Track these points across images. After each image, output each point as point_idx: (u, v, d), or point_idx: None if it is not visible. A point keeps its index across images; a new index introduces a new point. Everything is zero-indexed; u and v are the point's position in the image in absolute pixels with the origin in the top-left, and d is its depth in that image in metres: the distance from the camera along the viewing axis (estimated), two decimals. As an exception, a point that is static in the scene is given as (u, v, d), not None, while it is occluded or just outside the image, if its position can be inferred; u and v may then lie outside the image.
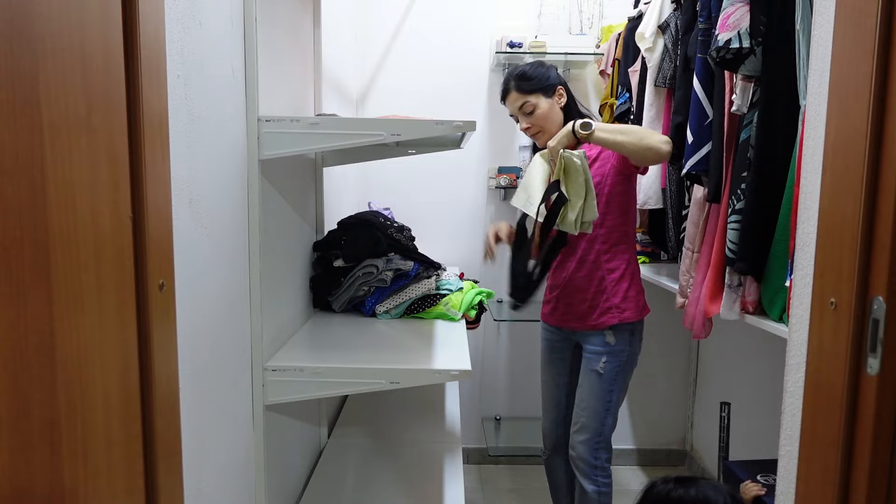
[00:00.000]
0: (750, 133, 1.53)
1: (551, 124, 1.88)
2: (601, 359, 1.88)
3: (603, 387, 1.88)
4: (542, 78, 1.88)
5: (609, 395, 1.88)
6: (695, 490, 1.24)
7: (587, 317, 1.90)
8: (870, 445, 0.75)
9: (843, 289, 0.79)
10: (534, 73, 1.88)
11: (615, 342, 1.88)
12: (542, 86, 1.87)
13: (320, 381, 1.27)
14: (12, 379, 0.53)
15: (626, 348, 1.89)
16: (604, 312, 1.88)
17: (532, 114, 1.87)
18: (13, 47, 0.53)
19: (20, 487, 0.55)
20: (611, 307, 1.87)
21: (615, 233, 1.87)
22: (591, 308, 1.90)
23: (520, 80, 1.88)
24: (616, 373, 1.88)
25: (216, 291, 1.03)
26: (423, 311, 1.71)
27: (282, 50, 1.46)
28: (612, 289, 1.87)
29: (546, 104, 1.87)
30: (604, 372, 1.88)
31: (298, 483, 1.66)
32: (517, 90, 1.89)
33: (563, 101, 1.90)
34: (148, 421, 0.76)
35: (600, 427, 1.89)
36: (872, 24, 0.74)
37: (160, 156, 0.78)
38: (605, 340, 1.88)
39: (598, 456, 1.91)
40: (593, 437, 1.90)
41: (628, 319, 1.87)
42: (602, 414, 1.89)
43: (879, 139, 0.74)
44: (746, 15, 1.46)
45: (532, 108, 1.87)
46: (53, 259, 0.58)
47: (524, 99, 1.88)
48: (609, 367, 1.88)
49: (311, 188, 1.80)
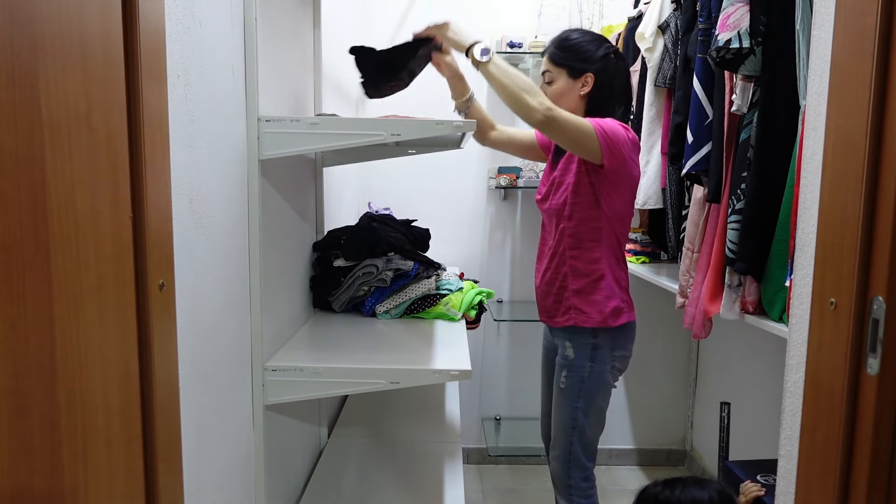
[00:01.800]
0: (750, 133, 1.53)
1: (562, 105, 1.66)
2: (562, 373, 1.76)
3: (565, 403, 1.75)
4: (575, 55, 1.70)
5: (573, 411, 1.73)
6: (680, 490, 1.25)
7: (552, 314, 1.80)
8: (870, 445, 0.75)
9: (843, 289, 0.79)
10: (571, 45, 1.71)
11: (574, 356, 1.73)
12: (569, 63, 1.71)
13: (320, 381, 1.27)
14: (12, 379, 0.53)
15: (588, 364, 1.72)
16: (564, 312, 1.75)
17: (549, 85, 1.74)
18: (14, 46, 0.53)
19: (20, 487, 0.55)
20: (570, 307, 1.73)
21: (584, 227, 1.70)
22: (555, 304, 1.77)
23: (556, 46, 1.73)
24: (578, 389, 1.73)
25: (216, 291, 1.03)
26: (423, 311, 1.71)
27: (282, 50, 1.46)
28: (574, 288, 1.72)
29: (565, 84, 1.71)
30: (564, 387, 1.75)
31: (298, 483, 1.66)
32: (548, 55, 1.74)
33: (585, 90, 1.70)
34: (148, 421, 0.76)
35: (568, 444, 1.76)
36: (872, 24, 0.74)
37: (160, 156, 0.78)
38: (564, 353, 1.76)
39: (570, 474, 1.77)
40: (563, 455, 1.77)
41: (583, 323, 1.70)
42: (568, 431, 1.75)
43: (879, 139, 0.74)
44: (746, 15, 1.46)
45: (551, 79, 1.73)
46: (53, 259, 0.58)
47: (549, 67, 1.74)
48: (569, 383, 1.74)
49: (311, 188, 1.80)
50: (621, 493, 2.69)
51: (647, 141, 2.22)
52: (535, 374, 2.97)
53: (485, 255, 2.92)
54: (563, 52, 1.71)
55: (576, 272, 1.73)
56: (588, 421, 1.74)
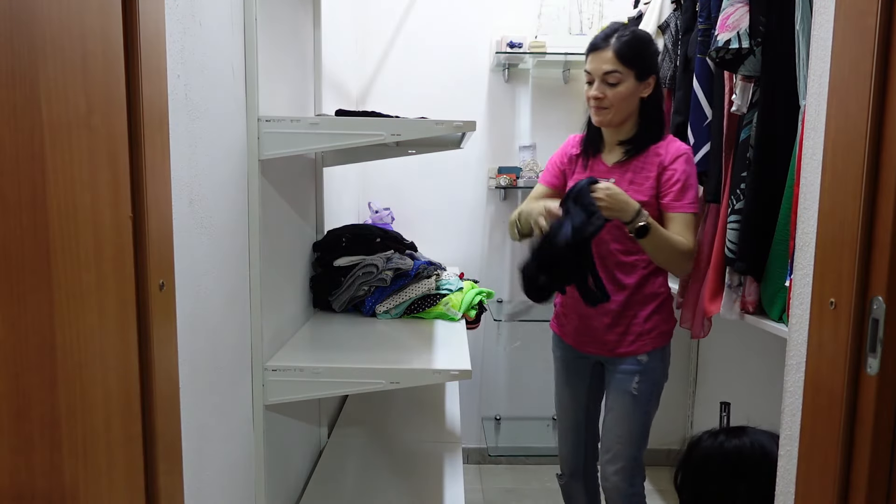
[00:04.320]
0: (750, 133, 1.53)
1: (625, 109, 1.60)
2: (633, 378, 1.66)
3: (638, 409, 1.66)
4: (646, 56, 1.59)
5: (645, 416, 1.67)
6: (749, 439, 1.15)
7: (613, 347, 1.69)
8: (870, 445, 0.75)
9: (843, 289, 0.79)
10: (642, 47, 1.59)
11: (647, 359, 1.66)
12: (639, 64, 1.58)
13: (320, 381, 1.27)
14: (12, 379, 0.53)
15: (660, 365, 1.68)
16: (633, 341, 1.66)
17: (614, 86, 1.57)
18: (14, 46, 0.53)
19: (21, 487, 0.55)
20: (641, 333, 1.67)
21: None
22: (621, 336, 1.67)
23: (626, 44, 1.56)
24: (651, 392, 1.67)
25: (216, 291, 1.03)
26: (423, 310, 1.71)
27: (282, 50, 1.46)
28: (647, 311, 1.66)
29: (632, 86, 1.58)
30: (637, 394, 1.65)
31: (298, 483, 1.66)
32: (616, 52, 1.56)
33: (647, 92, 1.61)
34: (148, 421, 0.76)
35: (637, 453, 1.68)
36: (872, 24, 0.74)
37: (160, 156, 0.78)
38: (636, 358, 1.67)
39: (634, 482, 1.69)
40: (629, 465, 1.67)
41: (660, 345, 1.68)
42: (639, 438, 1.68)
43: (879, 139, 0.74)
44: (746, 15, 1.46)
45: (618, 80, 1.57)
46: (53, 259, 0.58)
47: (617, 66, 1.56)
48: (643, 388, 1.66)
49: (311, 188, 1.80)
50: (621, 493, 2.69)
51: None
52: (536, 374, 2.98)
53: (485, 255, 2.92)
54: (634, 51, 1.57)
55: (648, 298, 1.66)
56: (651, 425, 1.71)
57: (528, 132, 2.86)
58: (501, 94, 2.85)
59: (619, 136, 1.66)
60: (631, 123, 1.64)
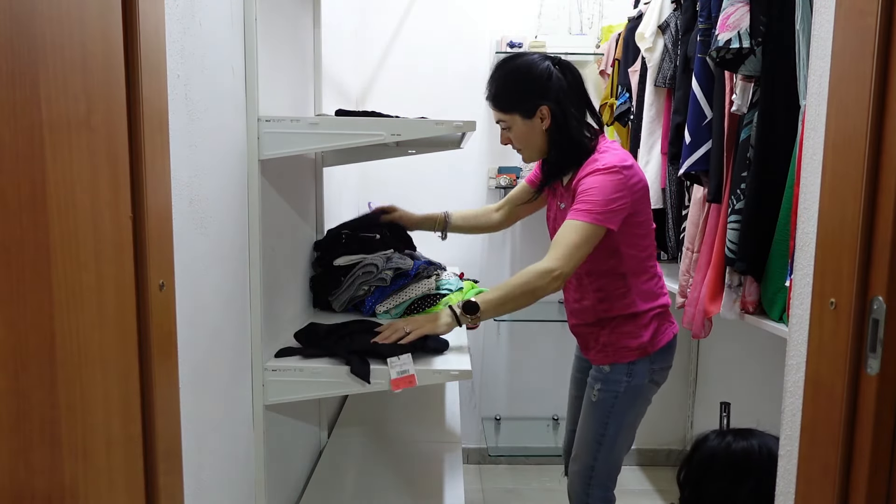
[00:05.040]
0: (750, 133, 1.53)
1: (532, 146, 1.59)
2: (595, 385, 1.66)
3: (595, 416, 1.66)
4: (521, 93, 1.55)
5: (602, 427, 1.64)
6: (757, 441, 1.12)
7: (587, 349, 1.73)
8: (870, 445, 0.75)
9: (843, 289, 0.79)
10: (512, 85, 1.55)
11: (610, 370, 1.64)
12: (518, 105, 1.55)
13: (320, 381, 1.27)
14: (12, 379, 0.53)
15: (624, 378, 1.63)
16: (601, 349, 1.68)
17: (509, 130, 1.60)
18: (14, 46, 0.53)
19: (20, 487, 0.55)
20: (606, 345, 1.67)
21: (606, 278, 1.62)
22: (592, 343, 1.70)
23: (495, 92, 1.57)
24: (611, 404, 1.64)
25: (216, 291, 1.03)
26: (424, 310, 1.71)
27: (282, 50, 1.46)
28: (606, 332, 1.65)
29: (524, 127, 1.56)
30: (596, 400, 1.66)
31: (298, 483, 1.66)
32: (492, 101, 1.59)
33: (546, 124, 1.55)
34: (148, 421, 0.76)
35: (591, 461, 1.67)
36: (872, 24, 0.74)
37: (160, 156, 0.78)
38: (600, 367, 1.67)
39: (589, 493, 1.68)
40: (584, 471, 1.68)
41: (622, 360, 1.63)
42: (593, 447, 1.66)
43: (879, 139, 0.74)
44: (746, 15, 1.46)
45: (506, 126, 1.59)
46: (53, 259, 0.58)
47: (498, 115, 1.59)
48: (602, 397, 1.64)
49: (311, 188, 1.80)
50: (621, 493, 2.68)
51: (647, 141, 2.22)
52: (535, 374, 2.98)
53: (485, 255, 2.92)
54: (506, 95, 1.56)
55: (609, 316, 1.64)
56: (617, 439, 1.66)
57: (528, 132, 2.86)
58: (501, 94, 2.85)
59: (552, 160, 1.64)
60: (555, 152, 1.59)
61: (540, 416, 2.99)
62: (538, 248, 2.86)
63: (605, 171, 1.49)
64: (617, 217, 1.49)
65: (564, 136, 1.56)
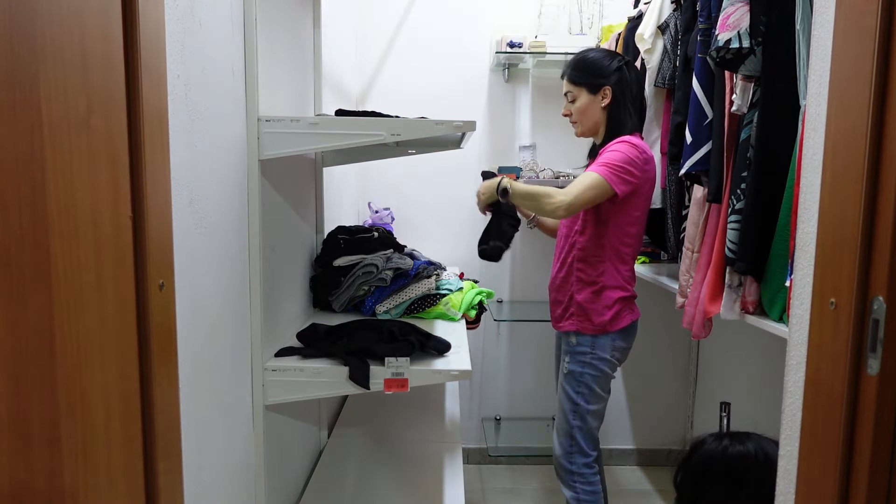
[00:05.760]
0: (750, 133, 1.53)
1: (587, 120, 1.89)
2: (566, 358, 1.90)
3: (568, 387, 1.88)
4: (592, 72, 1.86)
5: (575, 395, 1.87)
6: (754, 445, 1.13)
7: (559, 319, 1.94)
8: (870, 445, 0.75)
9: (843, 289, 0.79)
10: (587, 65, 1.87)
11: (576, 343, 1.88)
12: (587, 81, 1.86)
13: (320, 382, 1.27)
14: (12, 379, 0.53)
15: (589, 351, 1.86)
16: (568, 317, 1.90)
17: (573, 103, 1.90)
18: (14, 46, 0.53)
19: (20, 487, 0.55)
20: (573, 313, 1.89)
21: (592, 242, 1.86)
22: (563, 311, 1.92)
23: (572, 68, 1.89)
24: (580, 374, 1.86)
25: (216, 291, 1.03)
26: (423, 310, 1.71)
27: (282, 50, 1.46)
28: (578, 298, 1.87)
29: (586, 100, 1.87)
30: (567, 372, 1.89)
31: (298, 483, 1.66)
32: (567, 77, 1.90)
33: (605, 102, 1.86)
34: (148, 421, 0.76)
35: (569, 428, 1.88)
36: (872, 24, 0.74)
37: (160, 156, 0.78)
38: (568, 340, 1.90)
39: (572, 460, 1.88)
40: (564, 439, 1.89)
41: (584, 331, 1.86)
42: (569, 415, 1.88)
43: (879, 139, 0.74)
44: (746, 15, 1.46)
45: (573, 98, 1.89)
46: (53, 259, 0.58)
47: (568, 87, 1.90)
48: (571, 368, 1.88)
49: (311, 188, 1.80)
50: (622, 493, 2.69)
51: (647, 141, 2.22)
52: (535, 374, 2.98)
53: (485, 255, 2.92)
54: (580, 72, 1.87)
55: (581, 282, 1.88)
56: (589, 407, 1.87)
57: (528, 132, 2.87)
58: (501, 94, 2.85)
59: (598, 142, 1.94)
60: (602, 131, 1.90)
61: (540, 416, 2.99)
62: (538, 247, 2.87)
63: (630, 144, 1.79)
64: (625, 184, 1.76)
65: (615, 117, 1.86)
